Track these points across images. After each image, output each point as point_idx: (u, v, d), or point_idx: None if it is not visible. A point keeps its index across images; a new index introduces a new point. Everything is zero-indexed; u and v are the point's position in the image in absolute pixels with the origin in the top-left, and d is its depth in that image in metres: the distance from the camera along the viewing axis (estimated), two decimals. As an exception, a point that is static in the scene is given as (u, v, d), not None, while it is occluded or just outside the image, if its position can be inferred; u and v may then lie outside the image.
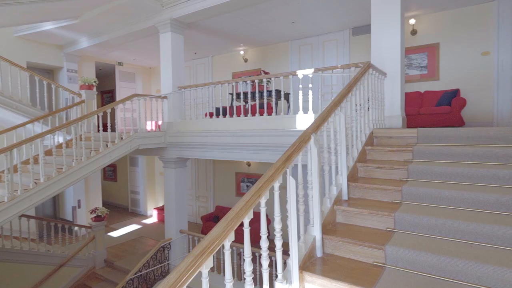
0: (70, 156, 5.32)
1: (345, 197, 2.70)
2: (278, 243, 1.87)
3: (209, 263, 1.33)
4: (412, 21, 6.20)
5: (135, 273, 5.92)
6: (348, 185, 2.76)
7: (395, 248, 2.06)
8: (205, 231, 8.62)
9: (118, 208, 11.94)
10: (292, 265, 1.94)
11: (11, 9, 4.45)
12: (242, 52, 8.71)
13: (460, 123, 4.99)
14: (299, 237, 2.10)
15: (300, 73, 4.89)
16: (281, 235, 1.89)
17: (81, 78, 6.88)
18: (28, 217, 6.40)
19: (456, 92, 5.45)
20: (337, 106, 2.62)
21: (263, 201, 1.74)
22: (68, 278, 6.73)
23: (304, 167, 2.21)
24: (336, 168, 2.73)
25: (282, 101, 5.37)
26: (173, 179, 6.48)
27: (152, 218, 10.65)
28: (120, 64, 9.92)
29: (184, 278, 1.18)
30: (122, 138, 5.57)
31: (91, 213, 7.28)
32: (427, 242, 2.10)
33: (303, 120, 4.73)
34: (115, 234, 9.26)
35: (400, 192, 2.62)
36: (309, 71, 4.82)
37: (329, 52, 7.29)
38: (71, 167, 4.86)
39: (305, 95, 5.80)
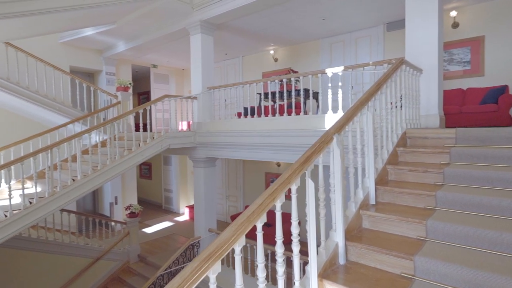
0: (105, 154, 5.57)
1: (372, 202, 2.54)
2: (295, 248, 1.78)
3: (217, 268, 1.28)
4: (453, 13, 5.76)
5: (165, 269, 6.08)
6: (376, 188, 2.59)
7: (426, 259, 1.89)
8: (247, 234, 8.66)
9: (153, 205, 12.39)
10: (311, 273, 1.84)
11: (55, 16, 4.74)
12: (272, 52, 8.65)
13: (508, 122, 4.54)
14: (319, 243, 2.00)
15: (330, 71, 4.73)
16: (299, 240, 1.80)
17: (117, 80, 7.20)
18: (69, 211, 6.83)
19: (504, 89, 4.96)
20: (363, 105, 2.47)
21: (278, 204, 1.67)
22: (104, 271, 7.08)
23: (326, 168, 2.10)
24: (363, 170, 2.58)
25: (311, 101, 5.23)
26: (202, 179, 6.57)
27: (184, 216, 10.91)
28: (154, 66, 10.28)
29: (188, 283, 1.14)
30: (153, 138, 5.74)
31: (126, 209, 7.60)
32: (462, 254, 1.90)
33: (332, 120, 4.56)
34: (149, 230, 9.61)
35: (434, 198, 2.41)
36: (338, 69, 4.65)
37: (362, 49, 7.00)
38: (106, 166, 5.08)
39: (335, 94, 5.61)
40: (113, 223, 8.04)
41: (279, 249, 1.69)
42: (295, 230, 1.77)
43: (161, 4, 5.93)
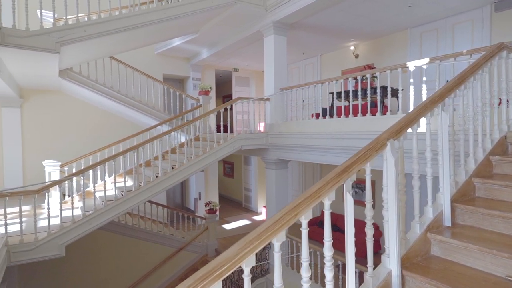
0: (184, 154, 6.03)
1: (447, 223, 2.06)
2: (329, 274, 1.54)
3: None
4: None
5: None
6: (453, 207, 2.09)
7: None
8: (309, 235, 8.40)
9: (234, 202, 12.96)
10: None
11: (143, 31, 5.34)
12: (352, 48, 8.06)
13: None
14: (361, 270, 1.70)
15: (411, 65, 4.15)
16: (332, 263, 1.55)
17: (199, 85, 7.73)
18: (157, 204, 7.63)
19: None
20: (435, 104, 2.02)
21: (304, 221, 1.46)
22: (185, 261, 7.69)
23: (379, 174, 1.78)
24: (435, 182, 2.12)
25: (389, 99, 4.64)
26: (274, 180, 6.52)
27: (262, 215, 11.09)
28: (236, 70, 10.72)
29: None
30: (226, 139, 5.95)
31: (205, 205, 8.10)
32: None
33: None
34: (228, 226, 10.07)
35: (537, 226, 1.81)
36: (422, 62, 4.03)
37: (460, 37, 5.92)
38: (183, 164, 5.47)
39: (419, 92, 4.86)
40: (195, 217, 8.67)
41: (328, 251, 1.48)
42: (328, 252, 1.53)
43: (236, 10, 6.10)
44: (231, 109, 6.10)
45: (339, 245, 3.68)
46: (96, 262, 6.76)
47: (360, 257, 2.22)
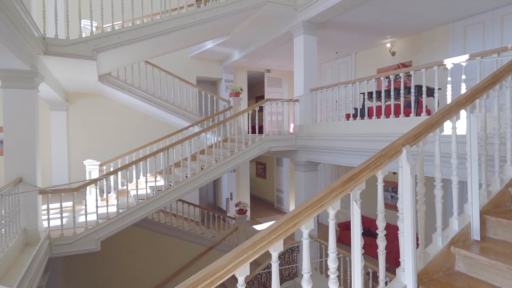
0: (212, 155, 6.14)
1: (475, 237, 1.87)
2: (332, 287, 1.46)
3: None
4: None
5: (263, 269, 6.22)
6: (484, 219, 1.90)
7: None
8: (341, 239, 8.14)
9: (266, 203, 12.96)
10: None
11: (174, 35, 5.53)
12: (388, 45, 7.68)
13: None
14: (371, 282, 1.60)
15: (449, 62, 3.86)
16: (337, 276, 1.48)
17: (230, 87, 7.83)
18: (188, 203, 7.85)
19: None
20: (462, 106, 1.85)
21: (305, 231, 1.40)
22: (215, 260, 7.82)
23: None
24: (461, 191, 1.93)
25: (424, 99, 4.33)
26: (303, 183, 6.42)
27: (294, 217, 10.96)
28: (268, 71, 10.70)
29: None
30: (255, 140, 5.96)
31: (235, 206, 8.19)
32: None
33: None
34: (259, 227, 10.09)
35: None
36: (461, 59, 3.73)
37: (511, 30, 5.39)
38: (211, 165, 5.58)
39: (457, 92, 4.50)
40: (225, 217, 8.79)
41: (332, 264, 1.43)
42: (332, 264, 1.45)
43: (265, 11, 6.09)
44: (259, 110, 6.09)
45: (370, 251, 3.50)
46: (129, 258, 7.12)
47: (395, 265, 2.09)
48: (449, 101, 3.85)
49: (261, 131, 6.25)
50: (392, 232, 3.24)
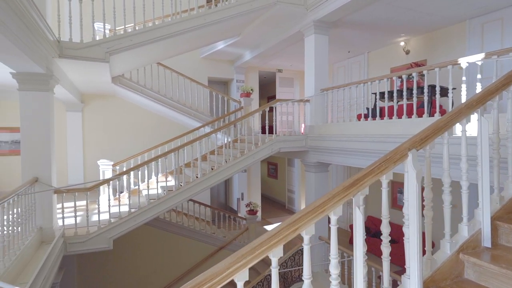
0: (222, 156, 6.16)
1: (486, 244, 1.81)
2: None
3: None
4: None
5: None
6: (495, 225, 1.84)
7: None
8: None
9: (277, 203, 12.93)
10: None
11: (184, 37, 5.58)
12: (402, 44, 7.52)
13: None
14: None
15: (464, 61, 3.75)
16: (339, 282, 1.46)
17: (241, 87, 7.85)
18: (199, 203, 7.91)
19: None
20: (472, 109, 1.79)
21: (306, 236, 1.39)
22: (225, 259, 7.86)
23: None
24: (472, 196, 1.87)
25: (438, 99, 4.21)
26: (313, 184, 6.36)
27: (305, 218, 10.89)
28: (279, 71, 10.66)
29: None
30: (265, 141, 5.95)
31: (246, 206, 8.20)
32: None
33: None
34: (269, 227, 10.07)
35: None
36: (476, 57, 3.61)
37: (531, 25, 5.19)
38: (221, 166, 5.60)
39: (473, 91, 4.36)
40: (236, 217, 8.82)
41: (334, 270, 1.41)
42: (334, 270, 1.44)
43: (275, 11, 6.07)
44: (269, 110, 6.08)
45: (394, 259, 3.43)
46: (141, 256, 7.24)
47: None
48: (463, 101, 3.74)
49: (270, 131, 6.24)
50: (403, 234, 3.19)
